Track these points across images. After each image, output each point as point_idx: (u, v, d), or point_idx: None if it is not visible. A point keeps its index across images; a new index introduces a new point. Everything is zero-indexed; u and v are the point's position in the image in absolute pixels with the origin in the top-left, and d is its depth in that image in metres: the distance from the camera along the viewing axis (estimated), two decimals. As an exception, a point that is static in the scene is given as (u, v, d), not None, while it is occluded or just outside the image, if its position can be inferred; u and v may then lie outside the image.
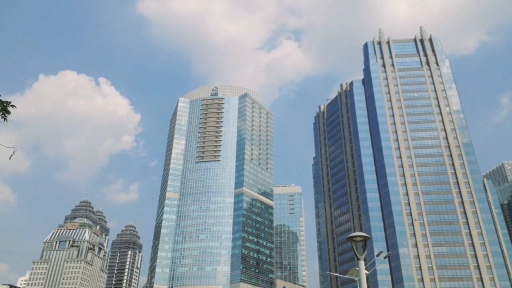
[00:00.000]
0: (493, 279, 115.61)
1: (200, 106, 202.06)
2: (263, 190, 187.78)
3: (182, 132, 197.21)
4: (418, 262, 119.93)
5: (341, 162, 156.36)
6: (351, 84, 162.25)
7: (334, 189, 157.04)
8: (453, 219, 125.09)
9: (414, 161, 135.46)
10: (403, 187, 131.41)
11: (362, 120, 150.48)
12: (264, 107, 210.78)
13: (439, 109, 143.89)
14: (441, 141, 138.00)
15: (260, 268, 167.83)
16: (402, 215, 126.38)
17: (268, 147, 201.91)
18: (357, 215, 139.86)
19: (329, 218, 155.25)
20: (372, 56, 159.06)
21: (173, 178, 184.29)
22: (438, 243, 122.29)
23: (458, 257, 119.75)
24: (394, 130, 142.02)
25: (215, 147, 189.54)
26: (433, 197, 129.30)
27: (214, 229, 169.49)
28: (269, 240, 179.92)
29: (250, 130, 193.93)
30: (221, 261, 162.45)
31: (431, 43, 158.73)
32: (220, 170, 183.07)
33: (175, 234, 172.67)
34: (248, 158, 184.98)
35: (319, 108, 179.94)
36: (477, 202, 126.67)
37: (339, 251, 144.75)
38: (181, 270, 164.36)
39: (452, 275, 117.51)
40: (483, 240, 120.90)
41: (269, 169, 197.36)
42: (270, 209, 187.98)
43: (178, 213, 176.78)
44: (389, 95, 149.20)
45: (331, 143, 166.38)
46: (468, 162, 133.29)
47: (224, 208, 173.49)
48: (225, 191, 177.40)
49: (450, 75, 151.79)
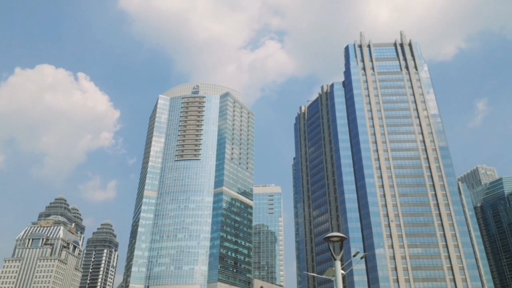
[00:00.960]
0: (466, 280, 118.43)
1: (181, 104, 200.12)
2: (243, 189, 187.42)
3: (162, 130, 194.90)
4: (394, 263, 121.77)
5: (320, 163, 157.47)
6: (332, 86, 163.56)
7: (313, 189, 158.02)
8: (428, 220, 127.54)
9: (392, 163, 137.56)
10: (381, 189, 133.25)
11: (341, 122, 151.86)
12: (245, 107, 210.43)
13: (417, 112, 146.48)
14: (418, 144, 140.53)
15: (238, 267, 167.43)
16: (379, 216, 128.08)
17: (248, 147, 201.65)
18: (335, 216, 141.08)
19: (307, 218, 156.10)
20: (353, 59, 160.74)
21: (152, 176, 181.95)
22: (413, 244, 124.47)
23: (432, 258, 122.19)
24: (372, 133, 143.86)
25: (195, 146, 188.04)
26: (409, 199, 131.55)
27: (192, 228, 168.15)
28: (248, 239, 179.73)
29: (231, 129, 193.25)
30: (198, 261, 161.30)
31: (410, 48, 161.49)
32: (199, 169, 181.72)
33: (153, 233, 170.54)
34: (229, 157, 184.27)
35: (300, 109, 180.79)
36: (451, 205, 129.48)
37: (317, 251, 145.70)
38: (158, 269, 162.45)
39: (426, 276, 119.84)
40: (457, 241, 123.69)
41: (249, 169, 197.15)
42: (249, 208, 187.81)
43: (156, 212, 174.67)
44: (368, 98, 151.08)
45: (311, 144, 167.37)
46: (444, 165, 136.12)
47: (203, 207, 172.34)
48: (204, 190, 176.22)
49: (428, 80, 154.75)
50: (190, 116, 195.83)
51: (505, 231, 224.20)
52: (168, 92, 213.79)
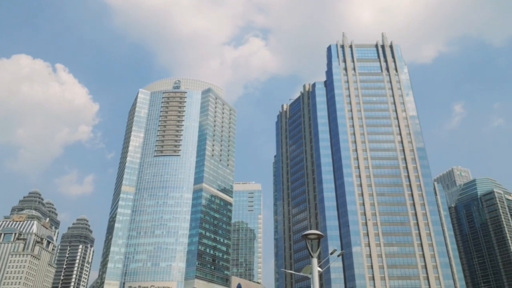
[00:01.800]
0: (438, 278, 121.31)
1: (161, 98, 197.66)
2: (223, 186, 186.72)
3: (141, 124, 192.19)
4: (370, 261, 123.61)
5: (301, 161, 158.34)
6: (314, 86, 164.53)
7: (293, 187, 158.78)
8: (404, 220, 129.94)
9: (370, 163, 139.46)
10: (359, 188, 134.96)
11: (322, 121, 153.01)
12: (227, 103, 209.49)
13: (396, 114, 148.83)
14: (397, 145, 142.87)
15: (216, 264, 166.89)
16: (356, 215, 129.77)
17: (230, 144, 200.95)
18: (314, 214, 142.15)
19: (286, 216, 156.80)
20: (335, 59, 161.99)
21: (130, 171, 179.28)
22: (389, 243, 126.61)
23: (407, 256, 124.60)
24: (352, 132, 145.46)
25: (175, 142, 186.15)
26: (386, 198, 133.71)
27: (170, 224, 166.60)
28: (227, 237, 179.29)
29: (212, 125, 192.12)
30: (176, 257, 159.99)
31: (391, 50, 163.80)
32: (179, 165, 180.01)
33: (130, 229, 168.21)
34: (209, 154, 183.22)
35: (282, 108, 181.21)
36: (427, 205, 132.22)
37: (295, 249, 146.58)
38: (135, 265, 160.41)
39: (401, 274, 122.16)
40: (431, 241, 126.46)
41: (230, 166, 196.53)
42: (229, 206, 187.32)
43: (134, 208, 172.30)
44: (349, 98, 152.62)
45: (292, 142, 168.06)
46: (420, 166, 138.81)
47: (182, 203, 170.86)
48: (183, 186, 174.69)
49: (408, 82, 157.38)
50: (170, 111, 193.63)
51: (477, 231, 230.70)
52: (149, 86, 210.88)
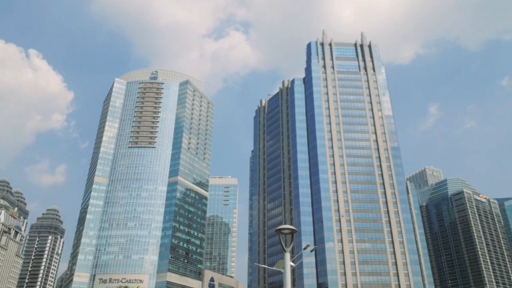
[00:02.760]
0: (408, 275, 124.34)
1: (138, 89, 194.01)
2: (199, 180, 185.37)
3: (116, 115, 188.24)
4: (342, 256, 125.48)
5: (277, 157, 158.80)
6: (293, 82, 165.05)
7: (269, 182, 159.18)
8: (376, 217, 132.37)
9: (346, 160, 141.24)
10: (334, 185, 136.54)
11: (300, 117, 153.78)
12: (205, 96, 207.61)
13: (372, 113, 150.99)
14: (371, 143, 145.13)
15: (189, 258, 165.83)
16: (330, 211, 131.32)
17: (207, 137, 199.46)
18: (289, 209, 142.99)
19: (262, 211, 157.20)
20: (314, 57, 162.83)
21: (103, 162, 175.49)
22: (361, 240, 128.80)
23: (378, 253, 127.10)
24: (329, 130, 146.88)
25: (151, 133, 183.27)
26: (360, 195, 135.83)
27: (143, 217, 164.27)
28: (201, 230, 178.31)
29: (189, 118, 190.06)
30: (149, 250, 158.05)
31: (370, 50, 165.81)
32: (154, 157, 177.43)
33: (102, 221, 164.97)
34: (185, 146, 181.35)
35: (261, 103, 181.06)
36: (399, 203, 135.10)
37: (269, 244, 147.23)
38: (106, 257, 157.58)
39: (372, 270, 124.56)
40: (402, 238, 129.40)
41: (206, 160, 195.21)
42: (204, 199, 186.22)
43: (106, 199, 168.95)
44: (327, 95, 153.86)
45: (269, 138, 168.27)
46: (394, 164, 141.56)
47: (156, 196, 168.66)
48: (158, 179, 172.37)
49: (385, 82, 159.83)
50: (147, 102, 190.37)
51: (447, 230, 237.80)
52: (125, 76, 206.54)
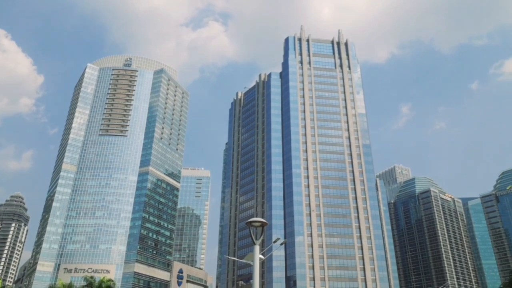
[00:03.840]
0: (374, 270, 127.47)
1: (110, 75, 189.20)
2: (171, 171, 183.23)
3: (87, 101, 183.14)
4: (311, 250, 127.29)
5: (252, 150, 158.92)
6: (269, 76, 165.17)
7: (242, 175, 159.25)
8: (346, 212, 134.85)
9: (318, 156, 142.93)
10: (306, 179, 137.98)
11: (275, 112, 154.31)
12: (180, 86, 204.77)
13: (345, 110, 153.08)
14: (344, 140, 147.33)
15: (158, 249, 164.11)
16: (301, 205, 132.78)
17: (180, 128, 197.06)
18: (261, 203, 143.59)
19: (234, 203, 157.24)
20: (291, 52, 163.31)
21: (72, 149, 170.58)
22: (330, 234, 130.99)
23: (346, 248, 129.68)
24: (303, 125, 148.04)
25: (123, 121, 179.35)
26: (331, 191, 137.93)
27: (112, 206, 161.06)
28: (171, 222, 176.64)
29: (163, 108, 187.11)
30: (117, 240, 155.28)
31: (346, 48, 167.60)
32: (125, 146, 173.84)
33: (69, 209, 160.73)
34: (158, 136, 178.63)
35: (237, 95, 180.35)
36: (368, 199, 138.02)
37: (239, 236, 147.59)
38: (72, 247, 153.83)
39: (340, 264, 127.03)
40: (370, 234, 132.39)
41: (179, 150, 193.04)
42: (175, 191, 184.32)
43: (74, 187, 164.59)
44: (303, 91, 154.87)
45: (244, 131, 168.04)
46: (365, 162, 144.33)
47: (126, 186, 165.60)
48: (128, 168, 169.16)
49: (359, 80, 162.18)
50: (119, 90, 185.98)
51: (413, 227, 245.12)
52: (98, 61, 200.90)
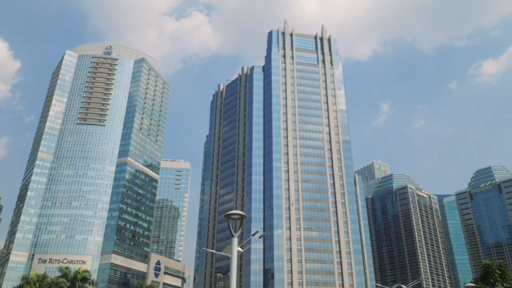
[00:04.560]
0: (351, 263, 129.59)
1: (90, 63, 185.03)
2: (150, 162, 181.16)
3: (65, 89, 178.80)
4: (290, 243, 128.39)
5: (233, 143, 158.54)
6: (252, 69, 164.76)
7: (222, 168, 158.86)
8: (324, 207, 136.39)
9: (299, 150, 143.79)
10: (286, 173, 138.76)
11: (257, 105, 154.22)
12: (161, 76, 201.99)
13: (327, 106, 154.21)
14: (324, 136, 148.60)
15: (135, 241, 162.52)
16: (281, 199, 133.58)
17: (160, 119, 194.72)
18: (240, 196, 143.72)
19: (213, 196, 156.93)
20: (275, 45, 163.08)
21: (49, 138, 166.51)
22: (309, 228, 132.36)
23: (324, 241, 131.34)
24: (285, 120, 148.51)
25: (101, 111, 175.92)
26: (310, 185, 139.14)
27: (89, 197, 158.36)
28: (149, 213, 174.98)
29: (143, 98, 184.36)
30: (93, 231, 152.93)
31: (329, 43, 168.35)
32: (104, 135, 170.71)
33: (44, 199, 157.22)
34: (137, 127, 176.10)
35: (219, 87, 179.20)
36: (346, 194, 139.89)
37: (218, 229, 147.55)
38: (47, 237, 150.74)
39: (317, 258, 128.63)
40: (347, 228, 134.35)
41: (159, 142, 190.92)
42: (154, 182, 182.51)
43: (50, 176, 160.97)
44: (285, 85, 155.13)
45: (226, 124, 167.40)
46: (344, 157, 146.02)
47: (104, 176, 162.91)
48: (106, 158, 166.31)
49: (341, 76, 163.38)
50: (98, 78, 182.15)
51: (389, 222, 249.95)
52: (77, 48, 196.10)
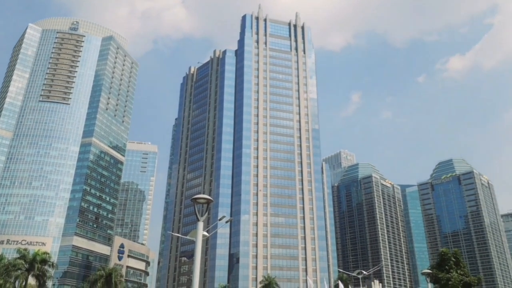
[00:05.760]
0: (315, 249, 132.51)
1: (54, 39, 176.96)
2: (115, 143, 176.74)
3: (27, 64, 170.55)
4: (256, 229, 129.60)
5: (202, 128, 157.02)
6: (224, 53, 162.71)
7: (191, 152, 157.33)
8: (291, 193, 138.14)
9: (269, 137, 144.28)
10: (255, 160, 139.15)
11: (229, 90, 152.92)
12: (130, 55, 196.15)
13: (298, 94, 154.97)
14: (294, 124, 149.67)
15: (99, 223, 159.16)
16: (249, 185, 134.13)
17: (127, 99, 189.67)
18: (208, 181, 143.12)
19: (181, 180, 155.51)
20: (248, 30, 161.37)
21: (8, 114, 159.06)
22: (276, 214, 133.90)
23: (290, 227, 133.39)
24: (256, 106, 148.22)
25: (66, 88, 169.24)
26: (278, 172, 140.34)
27: (51, 177, 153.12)
28: (114, 196, 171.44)
29: (110, 77, 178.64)
30: (55, 212, 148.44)
31: (303, 31, 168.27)
32: (68, 114, 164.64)
33: (2, 178, 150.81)
34: (103, 107, 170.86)
35: (189, 70, 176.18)
36: (314, 182, 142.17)
37: (185, 213, 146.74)
38: (4, 217, 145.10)
39: (282, 243, 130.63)
40: (313, 215, 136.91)
41: (126, 123, 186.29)
42: (119, 164, 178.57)
43: (9, 155, 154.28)
44: (257, 71, 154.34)
45: (196, 107, 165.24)
46: (313, 146, 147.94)
47: (67, 156, 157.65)
48: (70, 138, 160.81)
49: (313, 65, 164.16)
50: (64, 55, 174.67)
51: (353, 209, 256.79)
52: (41, 22, 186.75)
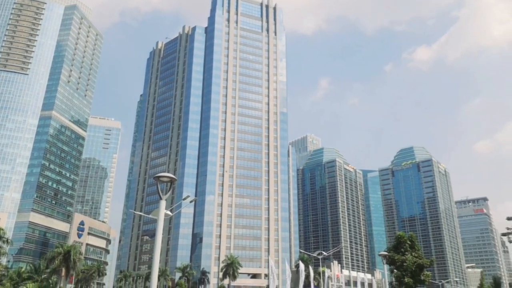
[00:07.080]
0: (277, 230, 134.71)
1: (13, 4, 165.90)
2: (77, 118, 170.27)
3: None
4: (221, 209, 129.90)
5: (169, 105, 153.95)
6: (194, 30, 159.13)
7: (156, 130, 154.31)
8: (257, 175, 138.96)
9: (237, 118, 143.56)
10: (222, 141, 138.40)
11: (197, 68, 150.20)
12: (94, 27, 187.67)
13: (267, 76, 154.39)
14: (263, 106, 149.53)
15: (58, 199, 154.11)
16: (215, 166, 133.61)
17: (91, 73, 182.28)
18: (174, 160, 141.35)
19: (145, 158, 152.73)
20: (219, 7, 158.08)
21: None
22: (241, 195, 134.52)
23: (254, 208, 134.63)
24: (225, 86, 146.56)
25: (24, 58, 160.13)
26: (245, 153, 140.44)
27: (7, 150, 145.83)
28: (74, 172, 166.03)
29: (73, 48, 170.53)
30: (10, 187, 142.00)
31: (274, 12, 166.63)
32: (26, 85, 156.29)
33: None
34: (65, 79, 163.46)
35: (157, 45, 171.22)
36: (279, 164, 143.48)
37: (148, 192, 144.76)
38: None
39: (246, 224, 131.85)
40: (277, 197, 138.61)
41: (88, 97, 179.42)
42: (81, 139, 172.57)
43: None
44: (227, 50, 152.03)
45: (162, 84, 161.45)
46: (280, 129, 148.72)
47: (24, 129, 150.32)
48: (28, 110, 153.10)
49: (283, 48, 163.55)
50: (22, 22, 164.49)
51: (317, 192, 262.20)
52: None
